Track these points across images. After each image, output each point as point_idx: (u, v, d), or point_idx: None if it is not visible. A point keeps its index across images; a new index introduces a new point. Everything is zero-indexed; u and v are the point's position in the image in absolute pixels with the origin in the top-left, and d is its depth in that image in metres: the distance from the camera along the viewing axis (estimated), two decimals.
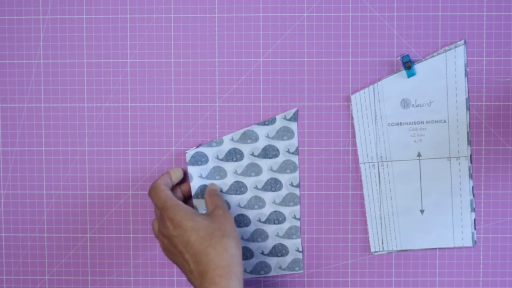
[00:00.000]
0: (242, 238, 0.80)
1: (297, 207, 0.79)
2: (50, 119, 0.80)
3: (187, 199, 0.80)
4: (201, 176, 0.79)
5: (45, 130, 0.81)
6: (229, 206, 0.79)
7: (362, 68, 0.79)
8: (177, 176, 0.78)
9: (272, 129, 0.79)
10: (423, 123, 0.79)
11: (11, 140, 0.81)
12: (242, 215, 0.79)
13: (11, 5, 0.80)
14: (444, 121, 0.79)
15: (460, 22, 0.78)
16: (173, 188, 0.78)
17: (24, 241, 0.81)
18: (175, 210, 0.72)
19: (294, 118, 0.79)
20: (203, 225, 0.71)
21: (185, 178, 0.80)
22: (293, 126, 0.79)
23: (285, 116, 0.79)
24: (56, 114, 0.80)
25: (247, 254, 0.80)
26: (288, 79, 0.80)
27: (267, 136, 0.79)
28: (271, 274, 0.80)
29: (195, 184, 0.79)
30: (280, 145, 0.79)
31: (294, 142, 0.79)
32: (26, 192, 0.81)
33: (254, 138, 0.79)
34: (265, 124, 0.79)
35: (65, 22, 0.80)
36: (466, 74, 0.78)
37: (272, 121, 0.79)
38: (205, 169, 0.79)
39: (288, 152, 0.79)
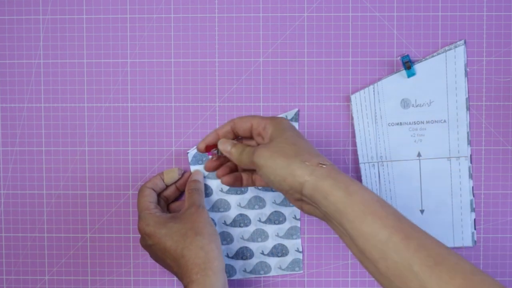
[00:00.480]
0: (243, 238, 0.80)
1: None
2: (50, 119, 0.80)
3: (171, 201, 0.80)
4: (203, 175, 0.79)
5: (45, 130, 0.81)
6: (229, 206, 0.79)
7: (362, 68, 0.79)
8: (170, 177, 0.78)
9: None
10: (423, 123, 0.79)
11: (11, 140, 0.81)
12: (242, 215, 0.79)
13: (11, 5, 0.80)
14: (444, 121, 0.79)
15: (460, 22, 0.78)
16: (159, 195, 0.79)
17: (24, 241, 0.81)
18: (147, 219, 0.73)
19: (296, 118, 0.79)
20: (175, 229, 0.72)
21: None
22: (295, 126, 0.79)
23: (286, 116, 0.79)
24: (56, 114, 0.80)
25: (247, 254, 0.80)
26: (288, 79, 0.80)
27: None
28: (271, 274, 0.80)
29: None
30: None
31: None
32: (26, 192, 0.81)
33: None
34: None
35: (65, 22, 0.80)
36: (466, 74, 0.78)
37: None
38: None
39: None
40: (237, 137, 0.74)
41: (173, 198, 0.80)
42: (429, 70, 0.78)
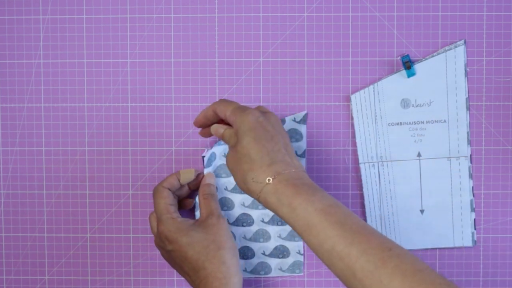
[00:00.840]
0: (245, 238, 0.80)
1: None
2: (50, 119, 0.80)
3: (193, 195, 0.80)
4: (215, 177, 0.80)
5: (45, 130, 0.81)
6: (233, 205, 0.79)
7: (362, 68, 0.79)
8: (186, 177, 0.77)
9: None
10: (423, 123, 0.79)
11: (11, 140, 0.81)
12: (246, 214, 0.79)
13: (11, 5, 0.80)
14: (444, 121, 0.79)
15: (460, 22, 0.78)
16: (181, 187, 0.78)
17: (24, 241, 0.81)
18: (169, 225, 0.73)
19: (304, 120, 0.79)
20: (198, 238, 0.72)
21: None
22: (302, 128, 0.79)
23: (294, 118, 0.79)
24: (56, 114, 0.80)
25: (248, 253, 0.80)
26: (288, 79, 0.80)
27: None
28: (271, 275, 0.80)
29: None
30: None
31: (302, 145, 0.79)
32: (26, 192, 0.81)
33: None
34: None
35: (65, 22, 0.80)
36: (466, 74, 0.78)
37: (281, 122, 0.79)
38: (214, 166, 0.79)
39: (296, 154, 0.79)
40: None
41: (184, 196, 0.80)
42: (429, 70, 0.78)
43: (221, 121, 0.74)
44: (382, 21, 0.79)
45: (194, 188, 0.79)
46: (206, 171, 0.78)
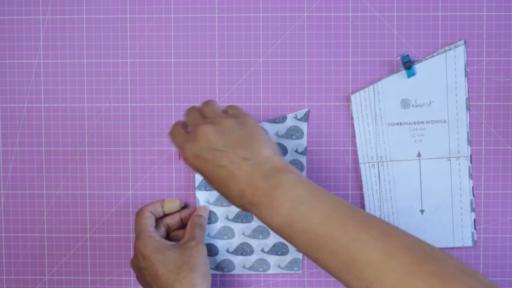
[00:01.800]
0: (244, 234, 0.80)
1: None
2: (50, 119, 0.80)
3: (172, 230, 0.80)
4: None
5: (45, 130, 0.81)
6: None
7: (362, 68, 0.79)
8: (170, 207, 0.78)
9: (282, 127, 0.79)
10: (423, 123, 0.79)
11: (11, 140, 0.81)
12: (244, 212, 0.79)
13: (11, 5, 0.80)
14: (444, 121, 0.79)
15: (460, 22, 0.78)
16: (159, 220, 0.78)
17: (24, 241, 0.81)
18: (146, 241, 0.73)
19: (305, 118, 0.79)
20: (171, 258, 0.72)
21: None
22: (303, 126, 0.79)
23: (296, 115, 0.79)
24: (56, 114, 0.80)
25: (247, 250, 0.80)
26: (288, 79, 0.80)
27: (277, 134, 0.79)
28: (269, 272, 0.80)
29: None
30: (289, 144, 0.79)
31: (302, 142, 0.79)
32: (26, 192, 0.81)
33: None
34: (275, 122, 0.79)
35: (65, 22, 0.80)
36: (466, 74, 0.78)
37: (282, 119, 0.79)
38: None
39: (296, 151, 0.79)
40: None
41: (175, 228, 0.80)
42: (429, 70, 0.78)
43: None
44: (382, 21, 0.79)
45: (186, 221, 0.79)
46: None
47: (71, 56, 0.80)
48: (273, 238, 0.80)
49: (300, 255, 0.80)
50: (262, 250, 0.80)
